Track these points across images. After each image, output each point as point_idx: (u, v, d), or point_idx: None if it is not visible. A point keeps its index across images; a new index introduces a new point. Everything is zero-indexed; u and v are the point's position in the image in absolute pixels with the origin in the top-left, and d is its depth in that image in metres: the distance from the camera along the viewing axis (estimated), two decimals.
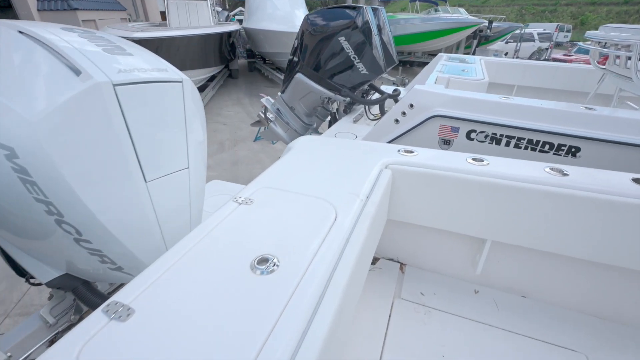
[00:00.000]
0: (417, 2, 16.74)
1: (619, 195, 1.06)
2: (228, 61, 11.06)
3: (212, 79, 10.13)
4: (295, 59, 3.17)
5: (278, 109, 3.56)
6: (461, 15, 13.21)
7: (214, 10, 11.43)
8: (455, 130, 2.15)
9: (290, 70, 3.30)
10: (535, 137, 1.97)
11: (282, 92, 3.49)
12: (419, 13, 15.63)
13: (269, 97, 3.64)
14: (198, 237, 0.83)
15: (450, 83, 2.76)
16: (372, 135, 2.50)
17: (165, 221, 1.33)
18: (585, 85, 3.63)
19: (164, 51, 6.20)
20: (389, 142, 2.40)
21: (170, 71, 1.33)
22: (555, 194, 1.11)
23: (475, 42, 12.60)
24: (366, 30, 2.76)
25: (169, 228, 1.36)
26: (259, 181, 1.14)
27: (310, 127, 3.67)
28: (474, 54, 12.51)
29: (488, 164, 1.26)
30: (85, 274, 1.42)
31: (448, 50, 13.20)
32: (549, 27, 23.45)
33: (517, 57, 14.32)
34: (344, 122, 3.20)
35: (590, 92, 3.65)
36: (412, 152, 1.39)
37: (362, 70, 2.89)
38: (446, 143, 2.23)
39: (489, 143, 2.10)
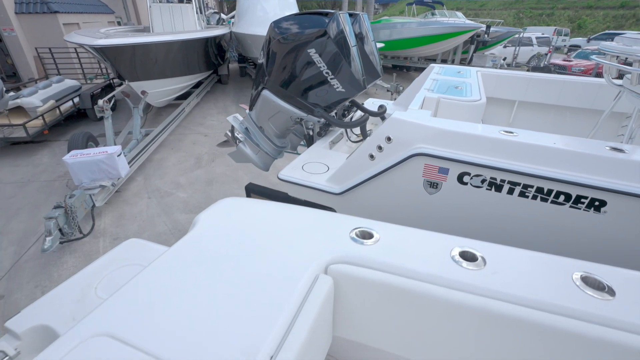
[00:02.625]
0: (414, 5, 16.38)
1: None
2: (216, 66, 10.60)
3: (198, 84, 9.68)
4: (262, 72, 2.71)
5: (247, 128, 3.10)
6: (458, 19, 12.80)
7: (201, 13, 11.00)
8: (444, 171, 1.69)
9: (257, 85, 2.84)
10: (546, 185, 1.52)
11: (250, 109, 3.03)
12: (416, 17, 15.25)
13: (236, 115, 3.19)
14: None
15: (439, 106, 2.30)
16: (343, 172, 2.05)
17: None
18: (597, 102, 3.18)
19: (139, 59, 5.75)
20: (364, 181, 1.94)
21: None
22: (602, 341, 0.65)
23: (472, 47, 12.19)
24: (341, 41, 2.31)
25: None
26: (96, 320, 0.68)
27: (283, 149, 3.21)
28: (471, 59, 12.11)
29: (483, 265, 0.81)
30: None
31: (445, 55, 12.79)
32: (546, 31, 23.14)
33: (516, 62, 13.95)
34: (318, 148, 2.74)
35: (602, 109, 3.21)
36: (372, 235, 0.92)
37: (338, 88, 2.43)
38: (433, 186, 1.77)
39: (487, 189, 1.65)
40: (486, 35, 12.23)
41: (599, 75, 11.04)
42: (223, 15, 15.99)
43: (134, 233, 3.92)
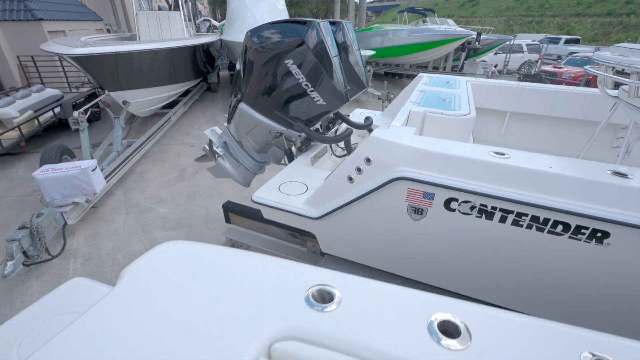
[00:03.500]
0: (406, 13, 16.45)
1: None
2: (205, 74, 10.43)
3: (186, 93, 9.48)
4: (239, 84, 2.53)
5: (225, 142, 2.91)
6: (449, 26, 12.83)
7: (190, 21, 10.86)
8: (429, 196, 1.52)
9: (234, 97, 2.66)
10: (542, 213, 1.35)
11: (229, 122, 2.84)
12: (407, 24, 15.28)
13: (215, 128, 3.01)
14: None
15: (426, 121, 2.14)
16: (321, 194, 1.87)
17: None
18: (591, 113, 3.06)
19: (119, 68, 5.55)
20: (343, 206, 1.76)
21: None
22: None
23: (463, 54, 12.19)
24: (320, 51, 2.14)
25: None
26: None
27: (264, 164, 3.03)
28: (462, 67, 12.10)
29: (468, 341, 0.63)
30: None
31: (436, 62, 12.78)
32: (536, 38, 23.41)
33: (507, 69, 13.99)
34: (298, 165, 2.56)
35: (596, 120, 3.08)
36: (332, 296, 0.74)
37: (319, 101, 2.26)
38: (418, 212, 1.60)
39: (477, 216, 1.48)
40: (477, 43, 12.25)
41: (589, 82, 11.08)
42: (215, 22, 15.87)
43: (107, 253, 3.68)
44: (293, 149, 2.90)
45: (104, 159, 5.28)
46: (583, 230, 1.32)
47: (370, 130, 3.38)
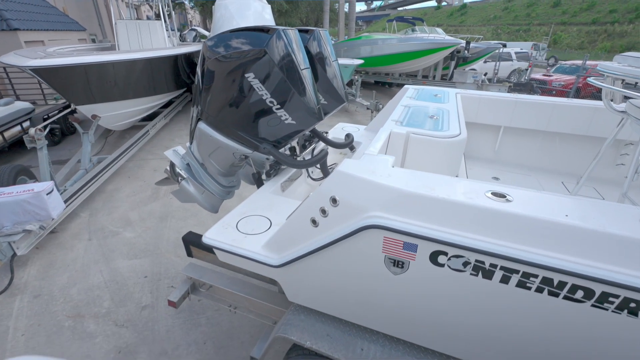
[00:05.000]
0: (395, 22, 16.41)
1: None
2: (189, 85, 10.10)
3: (169, 104, 9.13)
4: (197, 100, 2.20)
5: (189, 164, 2.57)
6: (438, 35, 12.74)
7: (173, 30, 10.56)
8: (411, 248, 1.19)
9: (194, 114, 2.32)
10: (556, 276, 1.03)
11: (191, 142, 2.50)
12: (396, 33, 15.20)
13: (177, 148, 2.67)
14: None
15: (409, 144, 1.83)
16: (283, 236, 1.53)
17: None
18: (592, 128, 2.79)
19: (89, 80, 5.18)
20: (308, 254, 1.41)
21: None
22: None
23: (453, 63, 12.08)
24: (287, 64, 1.83)
25: None
26: None
27: (232, 189, 2.69)
28: (452, 76, 11.97)
29: None
30: None
31: (426, 71, 12.65)
32: (524, 46, 23.65)
33: (497, 77, 13.92)
34: (266, 193, 2.22)
35: (598, 135, 2.81)
36: None
37: (287, 120, 1.94)
38: (398, 265, 1.27)
39: (472, 274, 1.15)
40: (466, 51, 12.16)
41: (579, 90, 11.01)
42: (205, 32, 15.60)
43: (60, 287, 3.27)
44: (262, 172, 2.56)
45: (71, 177, 4.88)
46: (610, 299, 1.01)
47: (352, 148, 3.07)
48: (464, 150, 1.97)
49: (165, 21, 9.29)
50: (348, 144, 2.73)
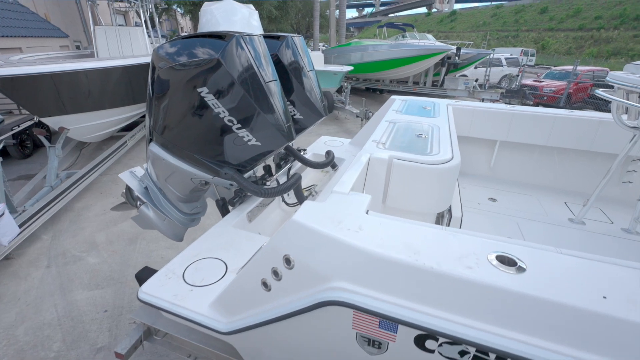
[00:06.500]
0: (385, 28, 16.30)
1: None
2: None
3: None
4: (147, 118, 1.88)
5: (147, 187, 2.24)
6: (429, 41, 12.60)
7: (157, 37, 10.22)
8: (390, 327, 0.88)
9: (147, 134, 2.00)
10: None
11: (147, 161, 2.17)
12: (387, 39, 15.07)
13: (134, 169, 2.33)
14: None
15: (392, 172, 1.52)
16: (231, 297, 1.20)
17: None
18: (597, 143, 2.53)
19: (63, 89, 4.80)
20: (263, 324, 1.09)
21: None
22: None
23: (444, 69, 11.93)
24: (248, 77, 1.53)
25: None
26: None
27: (197, 216, 2.36)
28: (442, 82, 11.81)
29: None
30: None
31: (417, 77, 12.49)
32: (514, 52, 23.79)
33: (488, 82, 13.82)
34: (227, 225, 1.89)
35: (602, 151, 2.56)
36: None
37: (250, 141, 1.63)
38: (374, 345, 0.95)
39: None
40: (457, 58, 12.04)
41: (570, 96, 10.92)
42: None
43: (6, 327, 2.88)
44: (227, 199, 2.23)
45: (34, 195, 4.48)
46: None
47: (334, 166, 2.76)
48: (457, 177, 1.68)
49: (147, 27, 8.96)
50: (328, 163, 2.43)
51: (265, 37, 2.01)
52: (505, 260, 0.81)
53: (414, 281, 0.79)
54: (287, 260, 0.95)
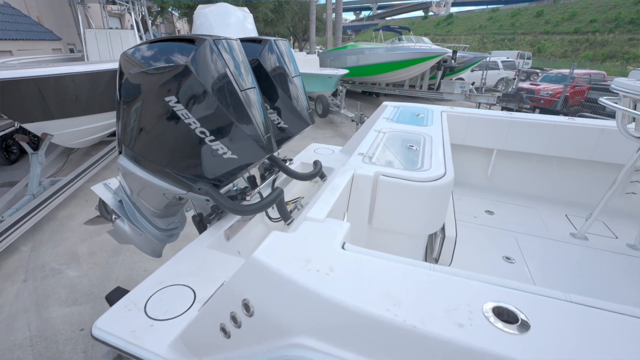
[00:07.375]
0: (381, 31, 16.26)
1: None
2: None
3: None
4: (116, 129, 1.73)
5: (121, 201, 2.09)
6: (425, 44, 12.53)
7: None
8: None
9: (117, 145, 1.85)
10: None
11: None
12: (383, 42, 15.01)
13: (108, 181, 2.19)
14: None
15: (378, 190, 1.38)
16: (191, 338, 1.05)
17: None
18: (598, 152, 2.40)
19: (47, 94, 4.65)
20: None
21: None
22: None
23: (440, 73, 11.84)
24: (221, 84, 1.38)
25: None
26: None
27: (174, 231, 2.21)
28: (439, 86, 11.72)
29: None
30: None
31: (413, 81, 12.41)
32: (510, 55, 23.84)
33: (484, 86, 13.76)
34: (202, 244, 1.73)
35: (605, 161, 2.43)
36: None
37: (225, 154, 1.48)
38: None
39: None
40: (453, 61, 11.96)
41: (567, 99, 10.85)
42: None
43: None
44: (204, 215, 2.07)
45: (14, 204, 4.30)
46: None
47: (322, 176, 2.60)
48: (450, 194, 1.54)
49: (139, 30, 8.82)
50: (314, 175, 2.28)
51: (245, 40, 1.88)
52: (504, 313, 0.67)
53: (392, 342, 0.64)
54: (246, 306, 0.80)
